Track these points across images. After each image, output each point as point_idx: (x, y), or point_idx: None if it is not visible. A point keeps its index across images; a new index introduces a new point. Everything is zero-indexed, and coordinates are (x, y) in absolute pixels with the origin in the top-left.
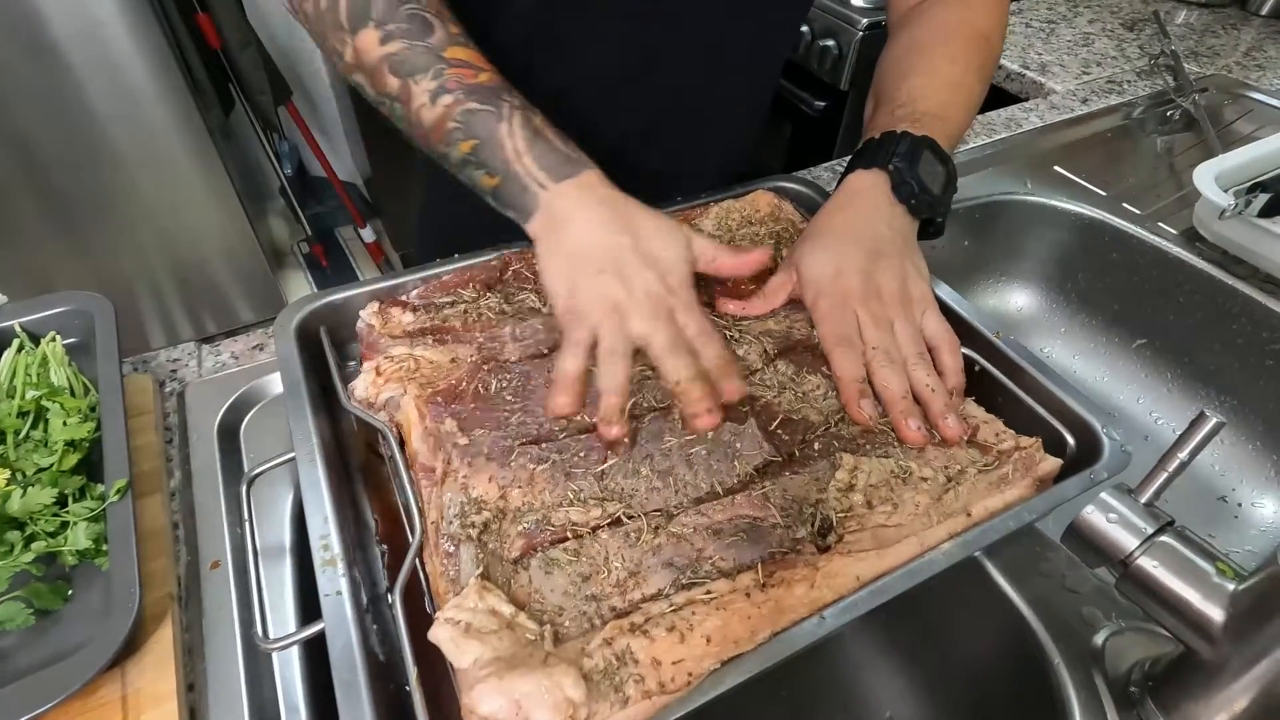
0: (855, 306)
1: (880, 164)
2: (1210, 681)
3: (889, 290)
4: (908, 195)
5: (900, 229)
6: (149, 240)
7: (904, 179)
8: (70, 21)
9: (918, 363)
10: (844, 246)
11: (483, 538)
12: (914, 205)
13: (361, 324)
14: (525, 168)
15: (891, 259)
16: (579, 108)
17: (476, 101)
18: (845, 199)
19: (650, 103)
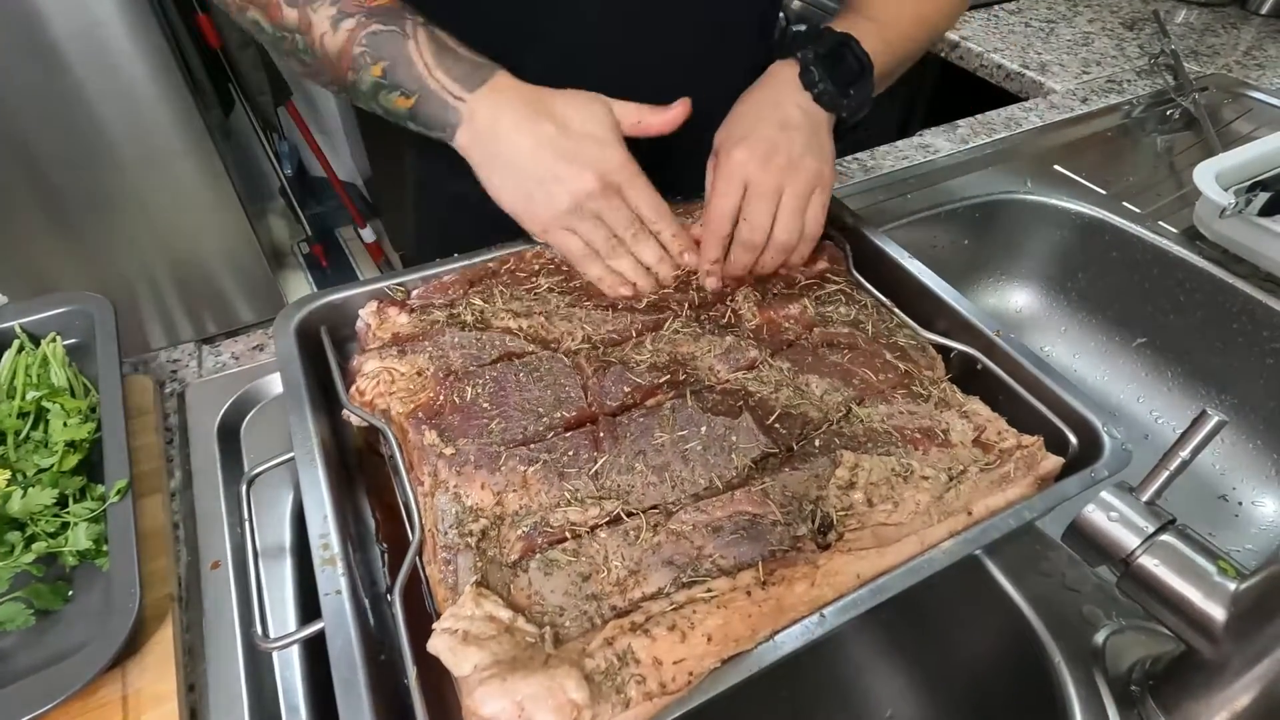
0: (750, 175)
1: (793, 54)
2: (1211, 680)
3: (786, 156)
4: (810, 83)
5: (809, 112)
6: (149, 241)
7: (809, 66)
8: (70, 22)
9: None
10: (752, 118)
11: (481, 545)
12: (818, 94)
13: (360, 323)
14: (439, 82)
15: (796, 133)
16: None
17: (379, 23)
18: (761, 81)
19: None
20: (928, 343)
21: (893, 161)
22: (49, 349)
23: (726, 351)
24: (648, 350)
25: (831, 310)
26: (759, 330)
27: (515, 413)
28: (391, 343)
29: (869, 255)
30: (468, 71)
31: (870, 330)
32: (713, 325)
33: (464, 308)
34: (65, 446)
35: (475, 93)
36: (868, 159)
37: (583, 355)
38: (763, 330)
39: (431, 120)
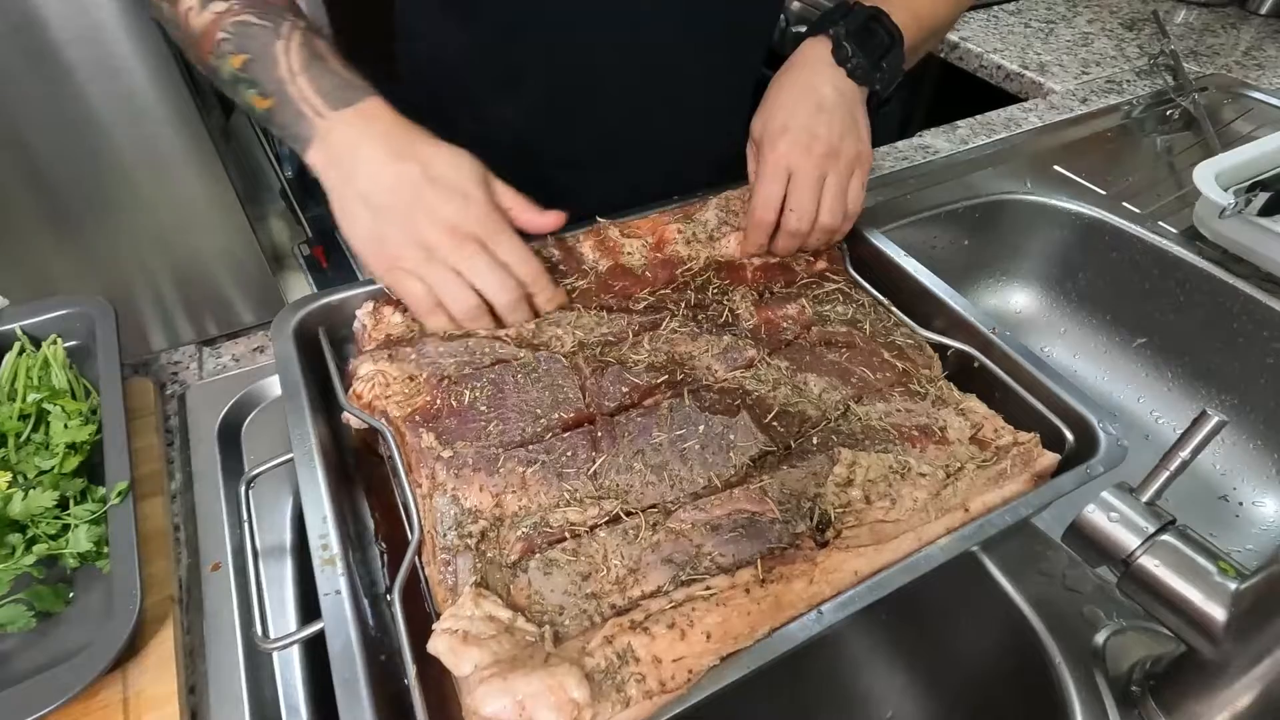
0: (793, 163)
1: (824, 30)
2: (1212, 681)
3: (826, 143)
4: (844, 59)
5: (843, 90)
6: (149, 243)
7: (841, 43)
8: (71, 24)
9: (822, 234)
10: (788, 102)
11: (480, 546)
12: (851, 70)
13: (357, 324)
14: (300, 90)
15: (833, 115)
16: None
17: (254, 15)
18: (791, 62)
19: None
20: (925, 341)
21: (892, 162)
22: (50, 351)
23: (724, 351)
24: (645, 350)
25: (829, 309)
26: (757, 330)
27: (513, 414)
28: (383, 345)
29: (867, 255)
30: (335, 86)
31: (868, 329)
32: (710, 325)
33: None
34: (66, 449)
35: (338, 112)
36: None
37: (580, 357)
38: (760, 330)
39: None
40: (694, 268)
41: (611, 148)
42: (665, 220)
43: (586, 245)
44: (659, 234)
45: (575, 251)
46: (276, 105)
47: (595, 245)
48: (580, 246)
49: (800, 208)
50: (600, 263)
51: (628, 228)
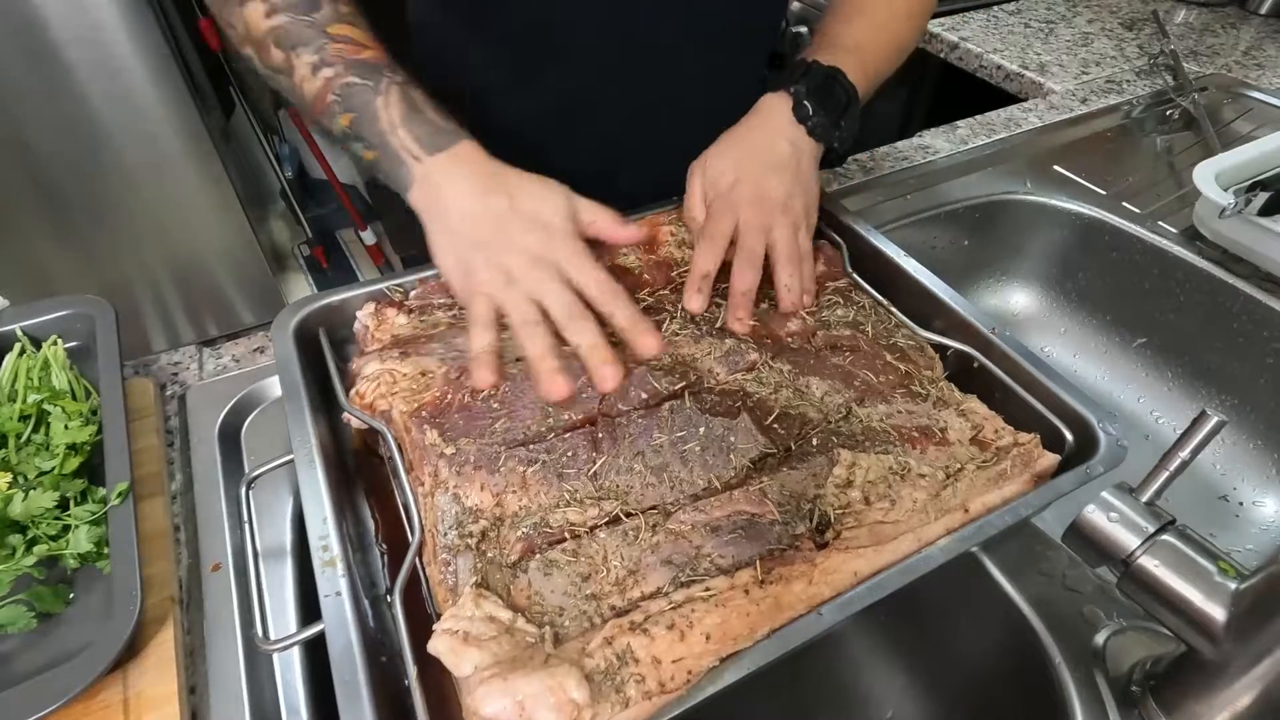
0: (740, 212)
1: (784, 86)
2: (1212, 681)
3: (774, 200)
4: (804, 117)
5: (799, 147)
6: (150, 243)
7: (802, 101)
8: (71, 25)
9: (786, 264)
10: (743, 156)
11: (481, 546)
12: (811, 128)
13: (358, 325)
14: (400, 140)
15: (784, 173)
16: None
17: (356, 75)
18: (752, 117)
19: (627, 106)
20: (925, 342)
21: (892, 162)
22: (50, 352)
23: (726, 354)
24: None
25: (830, 312)
26: (757, 331)
27: (523, 412)
28: (392, 344)
29: (866, 255)
30: (430, 134)
31: (870, 331)
32: (710, 327)
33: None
34: (66, 449)
35: (434, 156)
36: (867, 160)
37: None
38: (764, 334)
39: (388, 176)
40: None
41: (614, 148)
42: (660, 221)
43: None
44: (653, 235)
45: None
46: (381, 156)
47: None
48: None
49: (748, 246)
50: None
51: None
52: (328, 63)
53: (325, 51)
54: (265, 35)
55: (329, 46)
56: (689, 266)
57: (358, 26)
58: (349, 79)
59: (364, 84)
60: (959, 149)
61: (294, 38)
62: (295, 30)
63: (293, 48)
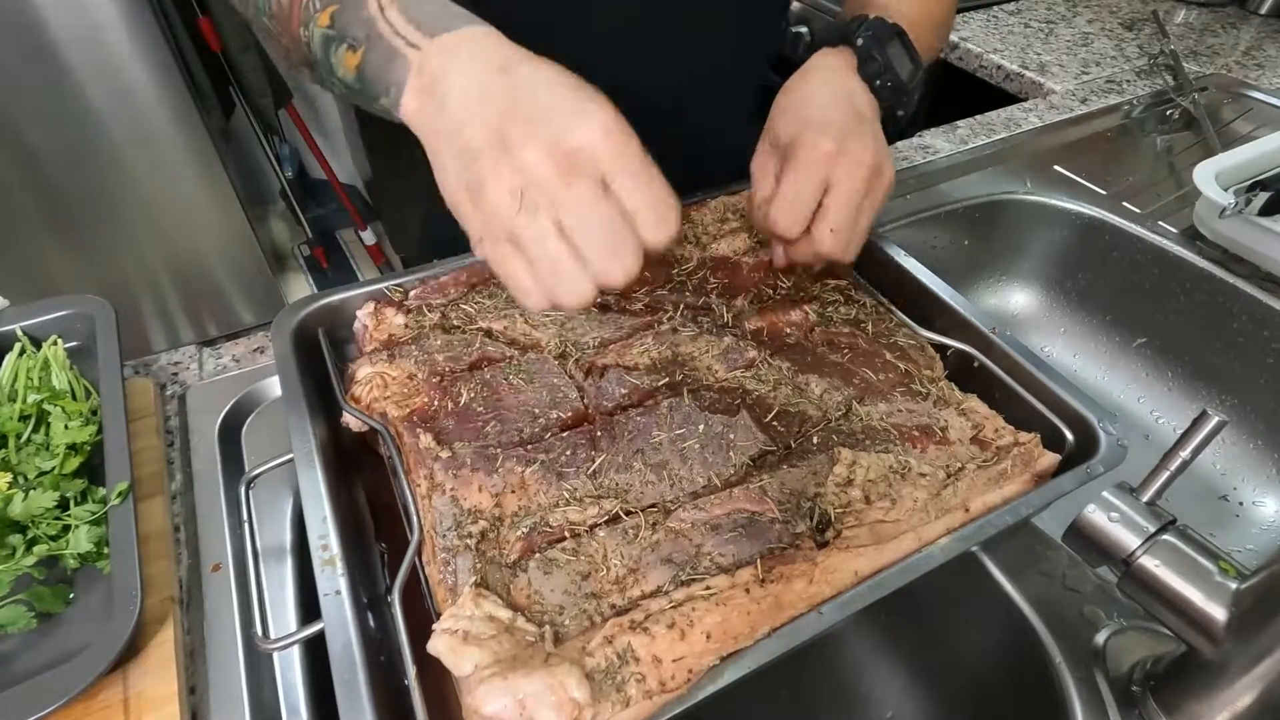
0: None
1: (848, 40)
2: (1212, 681)
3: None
4: (874, 74)
5: (867, 109)
6: (150, 243)
7: (871, 55)
8: (71, 25)
9: (847, 248)
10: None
11: (480, 546)
12: (878, 87)
13: (358, 325)
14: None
15: (871, 129)
16: None
17: None
18: (812, 73)
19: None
20: (926, 341)
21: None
22: (50, 352)
23: (725, 351)
24: (644, 351)
25: (832, 310)
26: (759, 331)
27: (510, 414)
28: (384, 346)
29: (865, 254)
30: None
31: (870, 330)
32: (710, 325)
33: (454, 311)
34: (66, 449)
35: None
36: None
37: (570, 361)
38: (763, 331)
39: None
40: (689, 267)
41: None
42: None
43: None
44: None
45: None
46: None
47: None
48: None
49: (840, 227)
50: None
51: None
52: None
53: None
54: None
55: None
56: (691, 265)
57: None
58: None
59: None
60: (959, 149)
61: None
62: None
63: None
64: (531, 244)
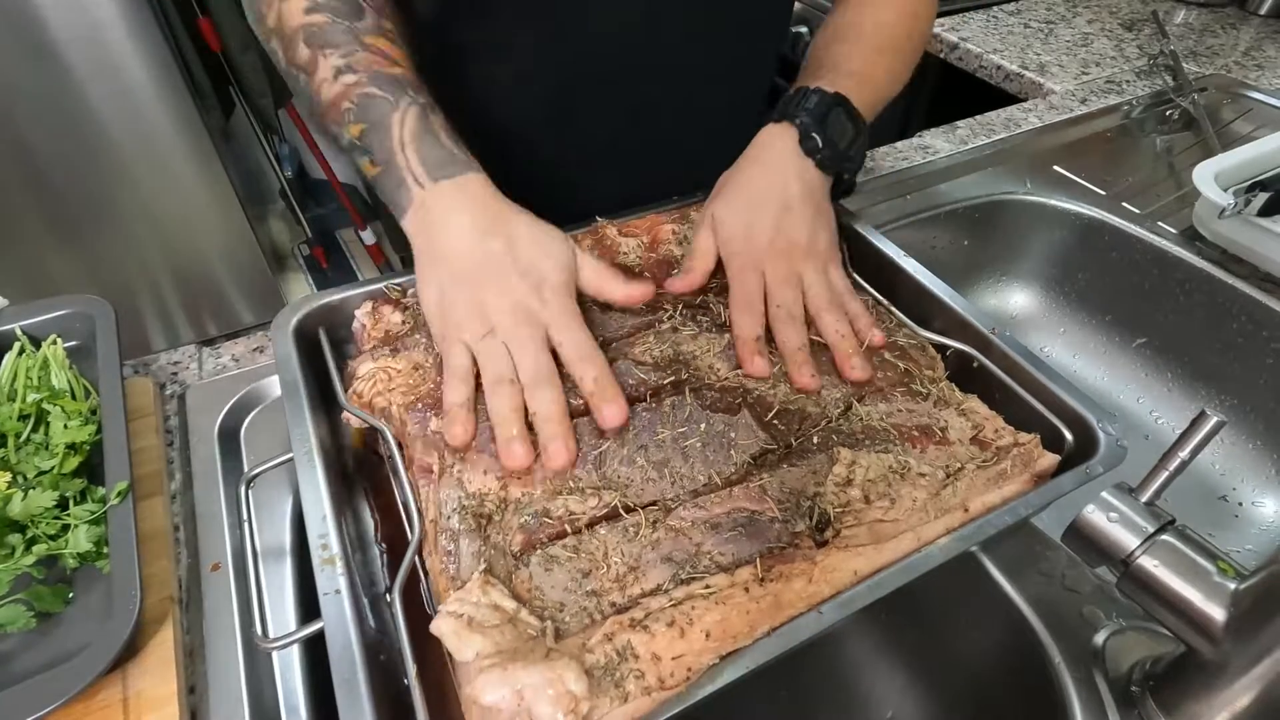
0: (765, 264)
1: (789, 117)
2: (1212, 681)
3: (798, 244)
4: (813, 149)
5: (810, 182)
6: (149, 243)
7: (810, 133)
8: (71, 24)
9: (829, 309)
10: (754, 202)
11: (487, 530)
12: (820, 160)
13: (356, 323)
14: (406, 160)
15: (800, 213)
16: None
17: (378, 88)
18: (756, 152)
19: (613, 122)
20: (926, 341)
21: (892, 162)
22: (49, 351)
23: (725, 349)
24: (648, 349)
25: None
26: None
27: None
28: (383, 342)
29: (866, 255)
30: (439, 161)
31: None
32: (710, 324)
33: None
34: (66, 449)
35: (437, 184)
36: (868, 160)
37: None
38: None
39: (387, 195)
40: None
41: (617, 146)
42: (661, 220)
43: (585, 245)
44: (654, 234)
45: None
46: (383, 173)
47: (594, 244)
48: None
49: (785, 302)
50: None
51: (625, 227)
52: (353, 69)
53: (354, 58)
54: (297, 30)
55: (359, 54)
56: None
57: (395, 44)
58: (370, 89)
59: (384, 97)
60: (959, 149)
61: (326, 38)
62: (330, 31)
63: (322, 47)
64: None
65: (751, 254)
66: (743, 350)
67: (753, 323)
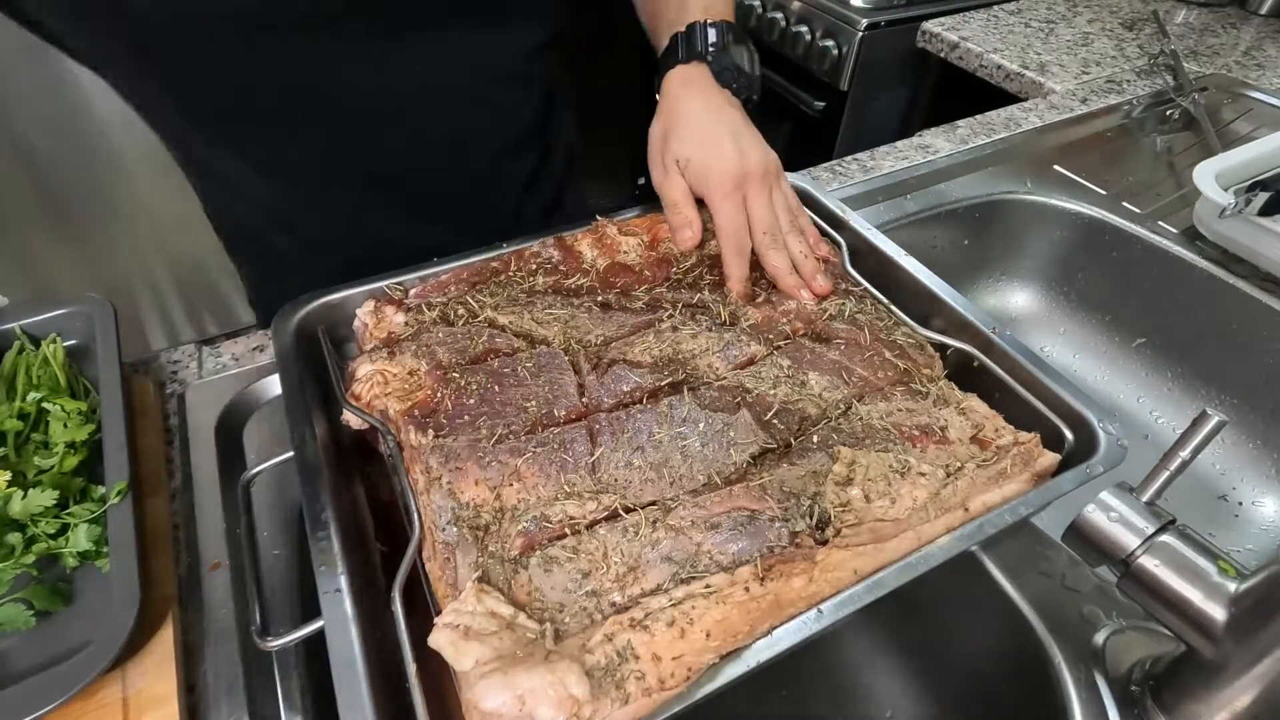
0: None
1: (696, 56)
2: (1212, 680)
3: (759, 164)
4: (729, 80)
5: (738, 108)
6: (149, 242)
7: (723, 66)
8: None
9: (791, 232)
10: (708, 134)
11: (484, 540)
12: (736, 89)
13: (357, 323)
14: None
15: (749, 135)
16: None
17: None
18: (680, 91)
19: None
20: (925, 341)
21: (892, 162)
22: (49, 350)
23: (725, 348)
24: (647, 348)
25: (830, 305)
26: (757, 327)
27: (511, 409)
28: (384, 344)
29: (866, 254)
30: None
31: (870, 329)
32: (710, 322)
33: (457, 306)
34: (65, 448)
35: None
36: (868, 159)
37: (580, 355)
38: (760, 325)
39: None
40: (687, 264)
41: (427, 190)
42: (661, 219)
43: (585, 243)
44: (654, 232)
45: (574, 250)
46: None
47: (594, 243)
48: (579, 245)
49: (764, 222)
50: (599, 261)
51: (625, 226)
52: None
53: None
54: None
55: None
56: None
57: None
58: None
59: None
60: (959, 149)
61: None
62: None
63: None
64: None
65: (726, 181)
66: (735, 285)
67: (743, 264)
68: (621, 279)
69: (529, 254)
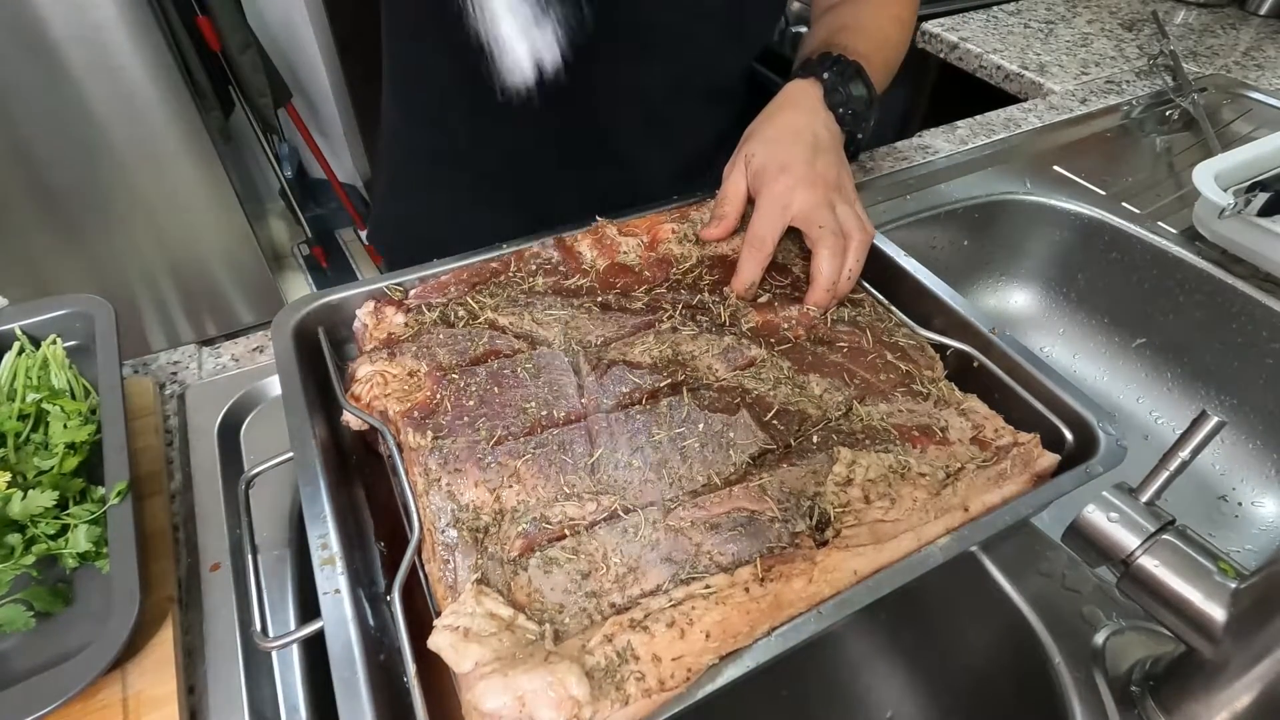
0: (795, 197)
1: (814, 74)
2: (1211, 681)
3: (829, 180)
4: (838, 103)
5: (835, 132)
6: (149, 243)
7: (835, 88)
8: (70, 24)
9: (850, 249)
10: (788, 140)
11: (484, 541)
12: (841, 115)
13: (357, 324)
14: None
15: (830, 155)
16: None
17: None
18: (785, 100)
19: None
20: (925, 341)
21: (892, 162)
22: (49, 351)
23: (725, 350)
24: (647, 349)
25: (831, 310)
26: (757, 329)
27: (511, 410)
28: (384, 344)
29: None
30: None
31: (870, 330)
32: (710, 324)
33: (457, 307)
34: (65, 449)
35: None
36: (867, 160)
37: (580, 355)
38: (760, 329)
39: None
40: (686, 265)
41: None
42: (661, 220)
43: (585, 244)
44: (653, 233)
45: (574, 251)
46: None
47: (593, 244)
48: (579, 245)
49: (826, 222)
50: (599, 261)
51: (625, 227)
52: None
53: None
54: None
55: None
56: (689, 264)
57: None
58: None
59: None
60: (959, 149)
61: None
62: None
63: None
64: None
65: (781, 187)
66: (739, 286)
67: (755, 269)
68: (621, 280)
69: (529, 254)
